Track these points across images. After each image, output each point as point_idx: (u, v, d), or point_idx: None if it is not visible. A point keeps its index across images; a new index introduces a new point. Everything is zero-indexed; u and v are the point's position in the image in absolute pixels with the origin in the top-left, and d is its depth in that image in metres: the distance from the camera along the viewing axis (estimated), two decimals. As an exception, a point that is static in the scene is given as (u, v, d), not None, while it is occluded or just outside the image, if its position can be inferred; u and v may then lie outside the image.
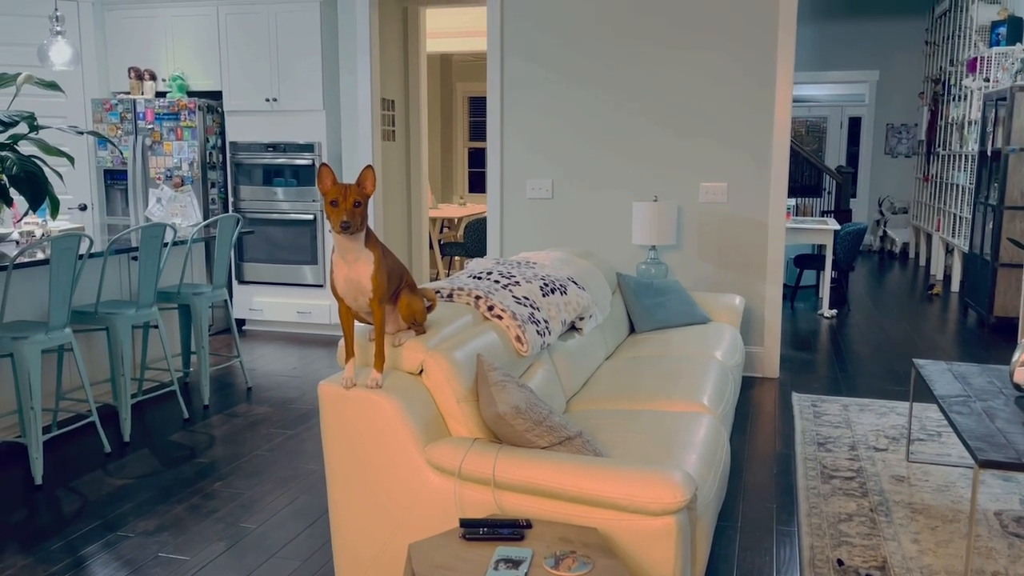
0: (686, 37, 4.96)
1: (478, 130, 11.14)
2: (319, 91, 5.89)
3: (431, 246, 8.31)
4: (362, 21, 5.67)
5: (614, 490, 2.02)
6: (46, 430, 4.05)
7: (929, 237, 10.13)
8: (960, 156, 8.40)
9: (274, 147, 6.06)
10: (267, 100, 6.01)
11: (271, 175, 6.10)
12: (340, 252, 2.26)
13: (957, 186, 8.36)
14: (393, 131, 6.56)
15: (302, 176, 6.04)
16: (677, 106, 5.03)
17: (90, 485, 3.42)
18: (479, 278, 3.15)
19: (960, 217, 8.10)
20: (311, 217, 6.06)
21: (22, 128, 5.63)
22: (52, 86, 3.83)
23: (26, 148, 5.63)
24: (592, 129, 5.19)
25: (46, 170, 5.31)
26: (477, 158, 11.22)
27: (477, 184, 11.26)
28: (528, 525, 2.00)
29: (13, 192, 3.63)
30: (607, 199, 5.22)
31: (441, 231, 8.91)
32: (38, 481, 3.41)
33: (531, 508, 2.12)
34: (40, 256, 3.76)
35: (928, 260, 10.18)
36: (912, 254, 11.03)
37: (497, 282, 3.10)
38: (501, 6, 5.22)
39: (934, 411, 4.38)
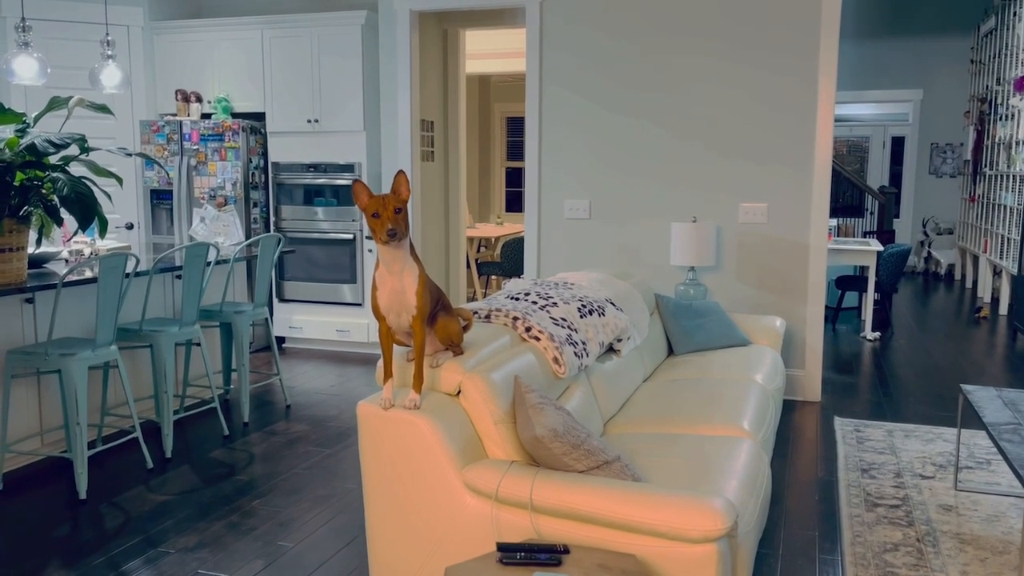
0: (725, 59, 4.94)
1: (515, 150, 11.19)
2: (360, 112, 5.98)
3: (468, 265, 8.34)
4: (402, 43, 5.75)
5: (653, 516, 2.00)
6: (91, 445, 4.12)
7: (976, 259, 9.91)
8: (1008, 176, 8.22)
9: (315, 167, 6.15)
10: (309, 121, 6.10)
11: (312, 195, 6.19)
12: (386, 264, 2.27)
13: (1005, 207, 8.18)
14: (432, 151, 6.62)
15: (342, 196, 6.11)
16: (717, 127, 5.00)
17: (133, 500, 3.47)
18: (517, 299, 3.15)
19: (1008, 238, 7.91)
20: (351, 236, 6.13)
21: (73, 150, 5.78)
22: (103, 109, 3.93)
23: (76, 169, 5.78)
24: (630, 150, 5.18)
25: (95, 190, 5.44)
26: (514, 177, 11.26)
27: (514, 203, 11.29)
28: (566, 550, 1.98)
29: (64, 212, 3.74)
30: (645, 219, 5.20)
31: (478, 250, 8.94)
32: (82, 496, 3.47)
33: (569, 533, 2.10)
34: (88, 274, 3.85)
35: (975, 282, 9.95)
36: (958, 276, 10.79)
37: (535, 303, 3.10)
38: (540, 35, 5.25)
39: (983, 438, 4.26)
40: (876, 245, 6.95)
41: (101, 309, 3.57)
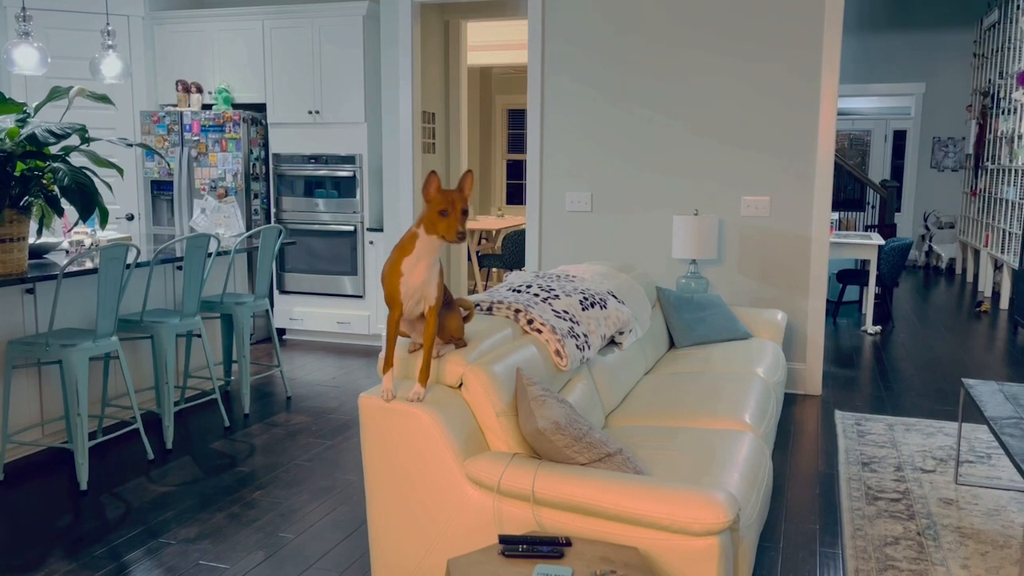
0: (728, 52, 4.92)
1: (516, 142, 11.17)
2: (361, 104, 5.96)
3: (469, 258, 8.33)
4: (404, 34, 5.73)
5: (656, 509, 2.00)
6: (92, 436, 4.12)
7: (977, 253, 9.90)
8: (1009, 170, 8.21)
9: (316, 159, 6.14)
10: (310, 112, 6.09)
11: (313, 186, 6.18)
12: (420, 256, 2.28)
13: (1006, 201, 8.17)
14: (433, 143, 6.61)
15: (343, 187, 6.10)
16: (719, 120, 4.99)
17: (134, 491, 3.48)
18: (518, 291, 3.14)
19: (1009, 233, 7.91)
20: (352, 228, 6.12)
21: (74, 140, 5.76)
22: (103, 99, 3.91)
23: (77, 159, 5.77)
24: (633, 142, 5.17)
25: (96, 181, 5.43)
26: (515, 170, 11.24)
27: (515, 196, 11.28)
28: (568, 543, 1.98)
29: (64, 202, 3.72)
30: (647, 212, 5.19)
31: (479, 243, 8.93)
32: (83, 486, 3.48)
33: (571, 525, 2.10)
34: (89, 265, 3.84)
35: (976, 276, 9.95)
36: (959, 270, 10.79)
37: (536, 295, 3.09)
38: (542, 24, 5.23)
39: (983, 432, 4.26)
40: (877, 239, 6.94)
41: (102, 300, 3.57)
